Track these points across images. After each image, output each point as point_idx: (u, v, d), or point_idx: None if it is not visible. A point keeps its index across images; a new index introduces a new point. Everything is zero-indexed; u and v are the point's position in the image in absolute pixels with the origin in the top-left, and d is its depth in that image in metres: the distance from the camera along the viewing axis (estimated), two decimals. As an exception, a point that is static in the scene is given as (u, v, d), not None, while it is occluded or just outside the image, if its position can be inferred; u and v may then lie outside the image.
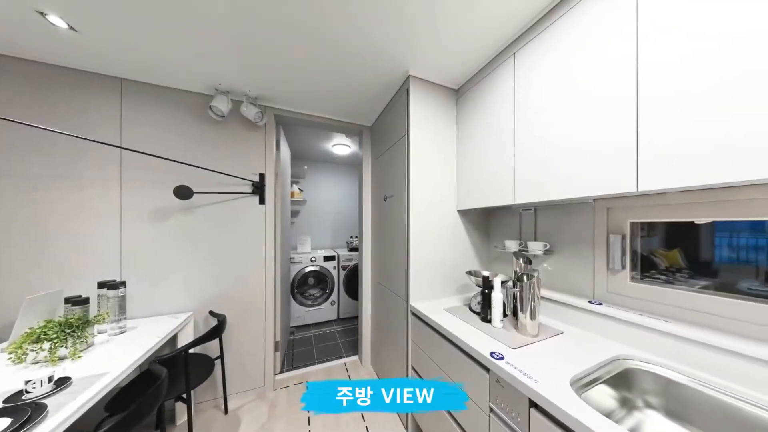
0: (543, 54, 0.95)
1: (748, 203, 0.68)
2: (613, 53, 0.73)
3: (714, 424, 0.64)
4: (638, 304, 0.88)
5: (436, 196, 1.41)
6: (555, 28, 0.90)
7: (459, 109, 1.44)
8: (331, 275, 2.99)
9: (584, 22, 0.81)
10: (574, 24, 0.84)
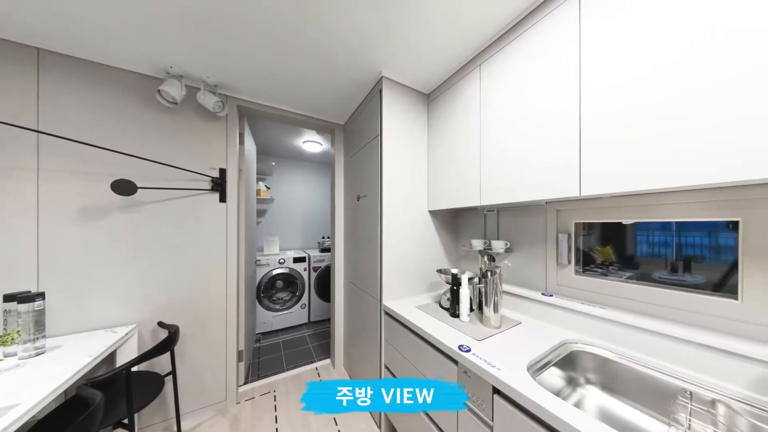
0: (504, 68, 1.03)
1: (661, 207, 0.83)
2: (561, 75, 0.83)
3: (635, 392, 0.76)
4: (581, 294, 1.01)
5: (408, 197, 1.44)
6: (514, 46, 0.99)
7: (430, 113, 1.50)
8: (301, 277, 2.88)
9: (538, 42, 0.90)
10: (530, 44, 0.93)
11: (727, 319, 0.70)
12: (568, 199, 0.89)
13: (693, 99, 0.58)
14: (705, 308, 0.74)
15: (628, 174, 0.68)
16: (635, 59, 0.67)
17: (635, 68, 0.67)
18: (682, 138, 0.59)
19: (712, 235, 0.78)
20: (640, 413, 0.73)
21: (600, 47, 0.74)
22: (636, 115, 0.66)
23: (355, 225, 1.75)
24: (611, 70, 0.71)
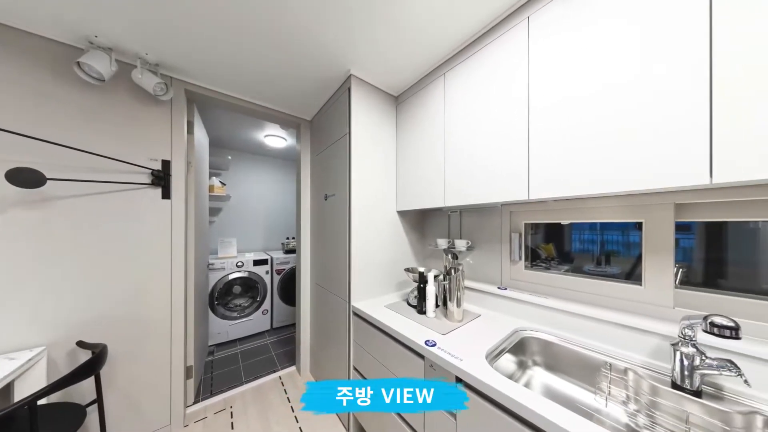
0: (466, 80, 1.11)
1: (589, 210, 0.98)
2: (513, 91, 0.93)
3: (571, 368, 0.88)
4: (530, 287, 1.14)
5: (377, 197, 1.45)
6: (474, 60, 1.07)
7: (399, 115, 1.53)
8: (262, 281, 2.68)
9: (495, 59, 0.99)
10: (488, 60, 1.02)
11: (634, 301, 0.86)
12: (519, 202, 1.00)
13: (609, 123, 0.70)
14: (619, 294, 0.90)
15: (565, 182, 0.79)
16: (566, 85, 0.78)
17: (568, 92, 0.78)
18: (602, 154, 0.71)
19: (624, 233, 0.95)
20: (575, 386, 0.86)
21: (543, 70, 0.85)
22: (570, 132, 0.78)
23: (322, 225, 1.70)
24: (552, 91, 0.82)
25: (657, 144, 0.62)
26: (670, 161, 0.61)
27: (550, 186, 0.83)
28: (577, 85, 0.76)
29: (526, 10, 0.89)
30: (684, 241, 0.82)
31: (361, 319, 1.25)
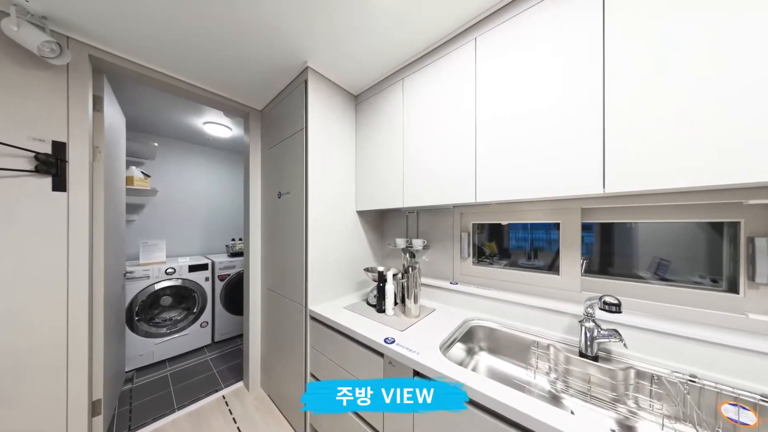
0: (423, 87, 1.18)
1: (523, 212, 1.14)
2: (464, 103, 1.02)
3: (509, 350, 1.02)
4: (477, 281, 1.27)
5: (336, 197, 1.43)
6: (431, 69, 1.14)
7: (358, 114, 1.53)
8: (201, 289, 2.35)
9: (448, 71, 1.07)
10: (443, 71, 1.10)
11: (554, 288, 1.04)
12: (467, 204, 1.11)
13: (536, 139, 0.83)
14: (544, 282, 1.07)
15: (504, 187, 0.91)
16: (505, 104, 0.90)
17: (506, 110, 0.90)
18: (531, 166, 0.84)
19: (547, 232, 1.14)
20: (513, 365, 0.99)
21: (487, 88, 0.95)
22: (508, 145, 0.89)
23: (275, 225, 1.58)
24: (494, 107, 0.93)
25: (568, 160, 0.77)
26: (577, 174, 0.75)
27: (493, 191, 0.94)
28: (514, 104, 0.88)
29: (474, 32, 0.99)
30: (587, 238, 1.03)
31: (319, 323, 1.21)
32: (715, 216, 0.79)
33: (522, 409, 0.57)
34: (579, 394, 0.82)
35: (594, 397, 0.80)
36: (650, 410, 0.72)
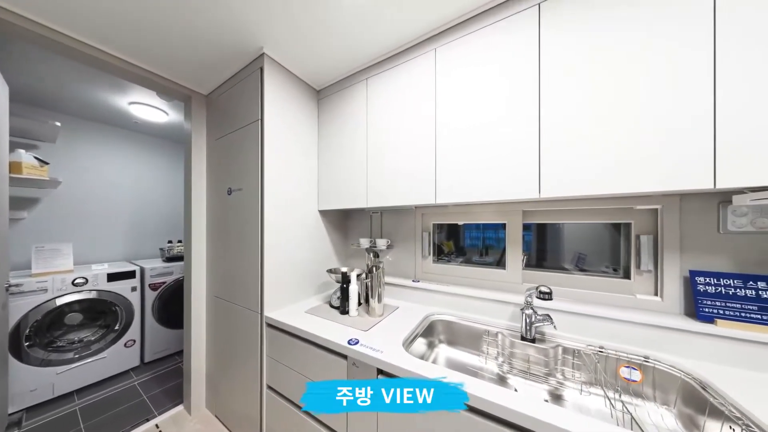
0: (386, 89, 1.19)
1: (476, 213, 1.26)
2: (425, 109, 1.07)
3: (465, 340, 1.10)
4: (437, 278, 1.34)
5: (296, 194, 1.35)
6: (395, 72, 1.17)
7: (321, 110, 1.48)
8: (125, 302, 1.98)
9: (410, 77, 1.11)
10: (404, 77, 1.13)
11: (502, 281, 1.17)
12: (428, 205, 1.17)
13: (486, 150, 0.92)
14: (493, 277, 1.20)
15: (461, 190, 0.99)
16: (461, 114, 0.98)
17: (462, 120, 0.98)
18: (482, 173, 0.93)
19: (496, 231, 1.28)
20: (468, 354, 1.08)
21: (446, 97, 1.02)
22: (463, 153, 0.97)
23: (225, 224, 1.42)
24: (452, 116, 1.00)
25: (512, 168, 0.88)
26: (519, 181, 0.87)
27: (451, 193, 1.01)
28: (468, 115, 0.97)
29: (434, 43, 1.05)
30: (527, 237, 1.18)
31: (277, 330, 1.13)
32: (615, 218, 0.99)
33: (476, 394, 0.63)
34: (521, 373, 0.94)
35: (532, 374, 0.92)
36: (572, 379, 0.87)
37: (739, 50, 0.60)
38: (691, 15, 0.65)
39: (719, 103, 0.62)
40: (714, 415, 0.63)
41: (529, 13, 0.85)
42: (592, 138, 0.76)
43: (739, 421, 0.57)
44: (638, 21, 0.71)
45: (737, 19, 0.60)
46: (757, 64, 0.59)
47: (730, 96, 0.61)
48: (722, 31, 0.61)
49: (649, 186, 0.69)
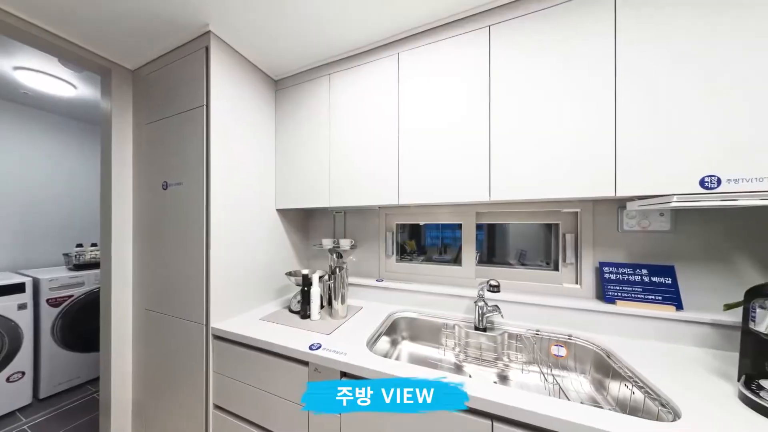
0: (350, 87, 1.18)
1: (436, 214, 1.33)
2: (388, 111, 1.09)
3: (426, 335, 1.16)
4: (400, 276, 1.38)
5: (250, 192, 1.24)
6: (358, 72, 1.16)
7: (279, 102, 1.38)
8: (8, 325, 1.55)
9: (374, 78, 1.12)
10: (368, 77, 1.14)
11: (458, 278, 1.27)
12: (391, 205, 1.20)
13: (445, 154, 0.99)
14: (451, 273, 1.29)
15: (422, 192, 1.04)
16: (422, 118, 1.04)
17: (423, 124, 1.03)
18: (441, 176, 1.00)
19: (453, 231, 1.38)
20: (429, 347, 1.13)
21: (409, 101, 1.06)
22: (424, 156, 1.03)
23: (158, 225, 1.22)
24: (414, 119, 1.05)
25: (468, 173, 0.96)
26: (473, 185, 0.95)
27: (413, 194, 1.05)
28: (429, 120, 1.02)
29: (398, 47, 1.08)
30: (479, 236, 1.31)
31: (227, 342, 1.02)
32: (548, 220, 1.16)
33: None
34: (475, 361, 1.03)
35: (484, 360, 1.02)
36: (516, 361, 0.99)
37: (632, 99, 0.77)
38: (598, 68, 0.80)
39: (618, 135, 0.78)
40: (615, 377, 0.79)
41: (481, 33, 0.95)
42: (529, 152, 0.88)
43: (631, 379, 0.72)
44: (565, 60, 0.84)
45: (633, 71, 0.77)
46: (642, 111, 0.76)
47: (625, 130, 0.77)
48: (621, 83, 0.78)
49: (571, 193, 0.83)
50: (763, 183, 0.65)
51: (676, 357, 0.79)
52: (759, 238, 0.85)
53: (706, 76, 0.70)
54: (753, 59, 0.66)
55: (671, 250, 0.94)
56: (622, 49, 0.77)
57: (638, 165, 0.76)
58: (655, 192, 0.75)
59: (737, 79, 0.67)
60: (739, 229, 0.87)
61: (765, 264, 0.85)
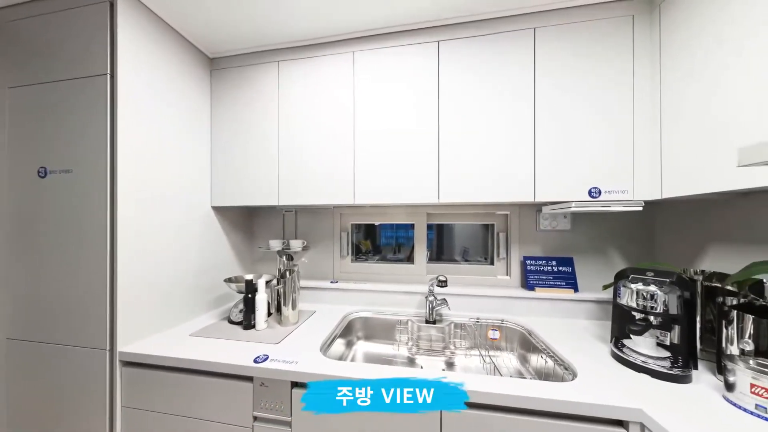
0: (303, 80, 1.12)
1: (391, 214, 1.37)
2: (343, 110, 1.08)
3: (381, 333, 1.18)
4: (355, 277, 1.37)
5: (176, 185, 1.05)
6: (311, 64, 1.11)
7: (216, 83, 1.21)
8: None
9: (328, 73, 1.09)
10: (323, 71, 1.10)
11: (411, 275, 1.33)
12: (347, 205, 1.18)
13: (400, 156, 1.04)
14: (404, 271, 1.35)
15: (378, 192, 1.06)
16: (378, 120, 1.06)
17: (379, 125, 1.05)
18: (396, 178, 1.04)
19: (407, 231, 1.44)
20: (384, 345, 1.15)
21: (364, 103, 1.06)
22: (380, 158, 1.05)
23: (31, 225, 0.91)
24: (370, 121, 1.06)
25: (420, 176, 1.02)
26: (425, 187, 1.02)
27: (369, 194, 1.06)
28: (384, 123, 1.05)
29: (353, 45, 1.07)
30: (430, 235, 1.40)
31: (142, 368, 0.83)
32: (485, 220, 1.33)
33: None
34: (425, 352, 1.09)
35: (434, 351, 1.10)
36: (461, 348, 1.10)
37: (546, 125, 0.94)
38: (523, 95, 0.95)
39: (537, 152, 0.94)
40: (534, 350, 0.95)
41: (431, 47, 1.02)
42: (470, 161, 0.99)
43: (545, 351, 0.89)
44: (501, 84, 0.97)
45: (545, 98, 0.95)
46: (551, 135, 0.93)
47: (541, 150, 0.94)
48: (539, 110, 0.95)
49: (502, 198, 0.98)
50: (625, 194, 0.88)
51: (573, 329, 1.00)
52: (622, 236, 1.15)
53: (593, 111, 0.91)
54: (620, 102, 0.89)
55: (571, 245, 1.19)
56: (540, 81, 0.94)
57: (549, 177, 0.94)
58: (561, 199, 0.94)
59: (610, 115, 0.90)
60: (612, 229, 1.16)
61: (626, 255, 1.15)
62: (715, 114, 0.69)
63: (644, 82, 0.88)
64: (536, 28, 0.95)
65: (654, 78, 0.86)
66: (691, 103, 0.75)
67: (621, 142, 0.89)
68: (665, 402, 0.59)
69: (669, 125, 0.82)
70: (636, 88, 0.89)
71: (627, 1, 0.89)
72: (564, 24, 0.93)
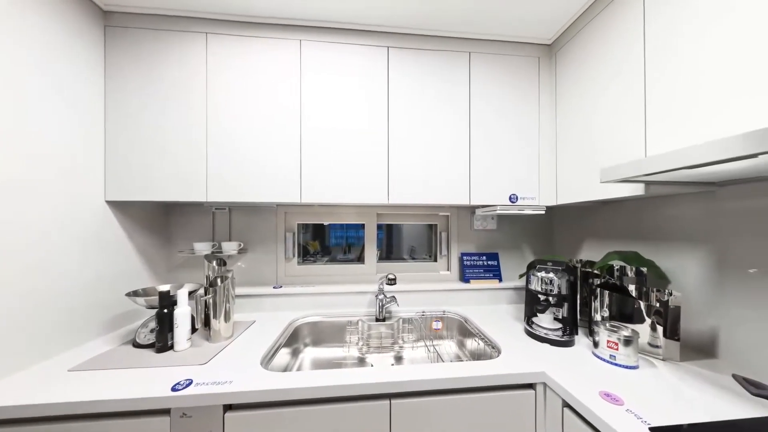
0: (239, 61, 0.99)
1: (341, 214, 1.35)
2: (287, 103, 1.01)
3: (331, 336, 1.13)
4: (302, 280, 1.28)
5: (43, 171, 0.78)
6: (248, 43, 1.00)
7: (112, 43, 0.96)
8: None
9: (269, 58, 1.00)
10: (263, 55, 1.00)
11: (361, 275, 1.33)
12: (292, 204, 1.11)
13: (351, 156, 1.04)
14: (355, 271, 1.34)
15: (327, 191, 1.03)
16: (326, 118, 1.03)
17: (328, 123, 1.03)
18: (346, 177, 1.03)
19: (357, 231, 1.44)
20: (334, 348, 1.11)
21: (311, 98, 1.02)
22: (329, 156, 1.03)
23: None
24: (318, 118, 1.02)
25: (370, 176, 1.04)
26: (375, 188, 1.04)
27: (317, 193, 1.02)
28: (333, 120, 1.03)
29: (299, 33, 1.02)
30: (380, 235, 1.43)
31: None
32: (429, 221, 1.44)
33: (336, 383, 0.66)
34: (376, 350, 1.11)
35: (384, 347, 1.12)
36: (408, 341, 1.15)
37: (478, 138, 1.09)
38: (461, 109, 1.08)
39: (471, 161, 1.08)
40: (469, 335, 1.08)
41: (381, 51, 1.05)
42: (417, 165, 1.06)
43: (478, 335, 1.02)
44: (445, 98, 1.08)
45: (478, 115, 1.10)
46: (483, 147, 1.09)
47: (475, 159, 1.09)
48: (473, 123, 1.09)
49: (443, 201, 1.08)
50: (534, 200, 1.10)
51: (498, 313, 1.18)
52: (532, 234, 1.43)
53: (514, 131, 1.10)
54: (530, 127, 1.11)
55: (496, 242, 1.41)
56: (473, 100, 1.09)
57: (481, 183, 1.09)
58: (490, 202, 1.10)
59: (525, 135, 1.11)
60: (525, 228, 1.42)
61: (535, 249, 1.43)
62: (589, 142, 0.92)
63: (547, 112, 1.12)
64: (471, 52, 1.09)
65: (553, 110, 1.11)
66: (574, 132, 0.99)
67: (532, 158, 1.11)
68: (558, 363, 0.76)
69: (561, 147, 1.06)
70: (541, 117, 1.12)
71: (535, 46, 1.12)
72: (491, 54, 1.10)
